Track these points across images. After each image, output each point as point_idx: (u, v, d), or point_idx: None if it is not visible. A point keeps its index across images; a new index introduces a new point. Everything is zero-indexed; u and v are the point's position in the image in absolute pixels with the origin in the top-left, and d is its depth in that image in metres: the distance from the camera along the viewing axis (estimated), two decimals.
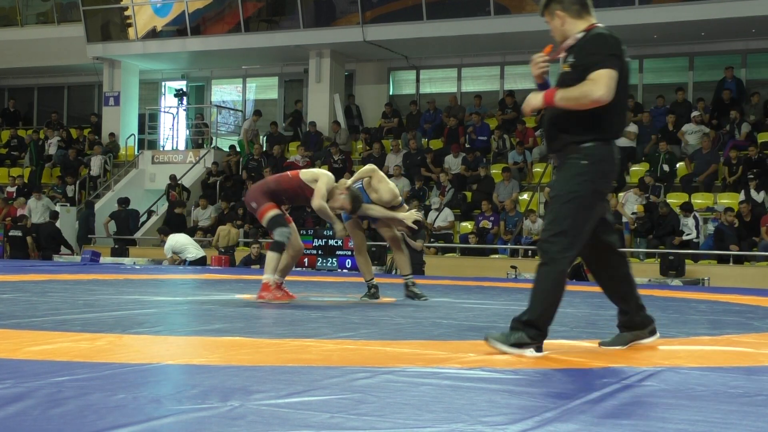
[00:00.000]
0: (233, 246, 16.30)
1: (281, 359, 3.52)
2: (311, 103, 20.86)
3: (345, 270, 14.05)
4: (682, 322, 6.04)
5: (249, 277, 10.87)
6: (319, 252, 14.50)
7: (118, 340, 4.08)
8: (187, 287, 9.19)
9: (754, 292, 10.51)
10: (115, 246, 17.90)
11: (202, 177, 20.07)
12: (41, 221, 17.94)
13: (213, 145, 21.45)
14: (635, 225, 14.89)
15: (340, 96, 20.58)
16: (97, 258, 15.65)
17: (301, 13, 19.66)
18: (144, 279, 9.95)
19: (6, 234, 17.66)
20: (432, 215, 16.25)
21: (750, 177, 14.99)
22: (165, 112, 23.45)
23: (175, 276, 11.20)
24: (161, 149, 22.42)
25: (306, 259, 14.29)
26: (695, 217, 14.47)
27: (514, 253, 15.48)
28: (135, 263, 15.33)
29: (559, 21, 3.95)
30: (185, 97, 22.49)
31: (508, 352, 3.73)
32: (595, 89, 3.72)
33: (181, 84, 23.57)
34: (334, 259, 14.45)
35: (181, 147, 22.66)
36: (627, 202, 15.30)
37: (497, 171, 17.38)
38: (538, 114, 11.73)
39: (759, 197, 14.83)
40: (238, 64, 22.62)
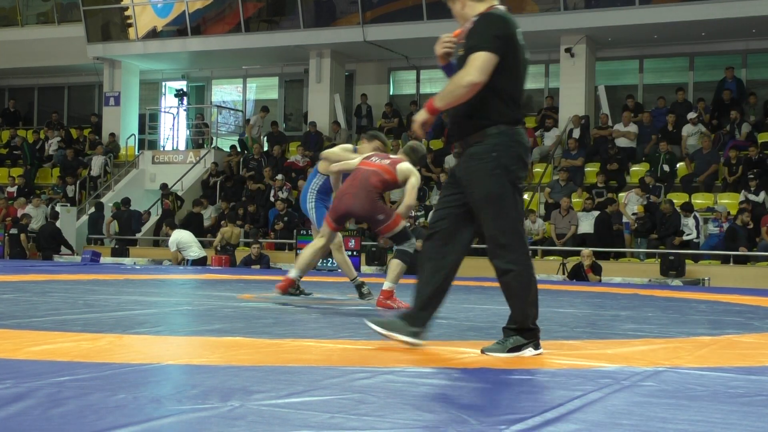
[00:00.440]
0: (234, 245, 16.30)
1: (281, 359, 3.52)
2: (311, 103, 20.86)
3: None
4: (682, 322, 6.05)
5: (249, 277, 10.87)
6: None
7: (118, 340, 4.08)
8: (188, 287, 9.20)
9: (754, 292, 10.51)
10: (116, 246, 17.91)
11: (202, 177, 20.07)
12: (41, 224, 18.02)
13: (213, 146, 21.45)
14: (635, 225, 14.89)
15: (340, 96, 20.58)
16: (98, 258, 15.67)
17: (302, 13, 19.66)
18: (144, 279, 9.96)
19: (7, 233, 17.66)
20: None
21: (750, 177, 14.99)
22: (165, 112, 23.45)
23: (176, 276, 11.20)
24: (161, 149, 22.41)
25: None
26: (695, 217, 14.47)
27: None
28: (135, 263, 15.34)
29: (460, 5, 3.89)
30: (185, 97, 22.49)
31: (509, 357, 3.71)
32: (464, 75, 3.63)
33: (182, 84, 23.57)
34: (334, 259, 14.40)
35: (182, 147, 22.66)
36: (629, 202, 15.31)
37: None
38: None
39: (759, 197, 14.84)
40: (238, 64, 22.62)
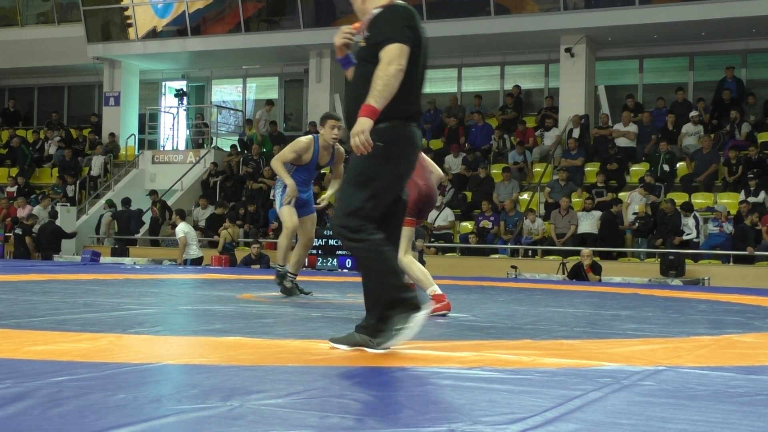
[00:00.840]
0: (234, 243, 16.30)
1: (281, 359, 3.52)
2: (311, 103, 20.85)
3: (345, 270, 14.04)
4: (682, 321, 6.05)
5: (249, 277, 10.87)
6: (319, 252, 14.48)
7: (118, 340, 4.08)
8: (188, 287, 9.20)
9: (754, 292, 10.52)
10: (116, 246, 17.91)
11: (202, 177, 20.07)
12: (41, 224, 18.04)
13: (213, 145, 21.45)
14: (636, 225, 14.88)
15: (340, 96, 20.56)
16: (97, 258, 15.67)
17: (302, 13, 19.66)
18: (144, 279, 9.95)
19: (6, 233, 17.65)
20: (432, 215, 16.25)
21: (750, 177, 14.98)
22: (165, 112, 23.45)
23: (175, 276, 11.20)
24: (161, 149, 22.42)
25: (306, 259, 14.26)
26: (695, 217, 14.47)
27: (514, 253, 15.49)
28: (135, 263, 15.34)
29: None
30: (185, 97, 22.49)
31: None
32: (388, 66, 3.59)
33: (182, 84, 23.57)
34: (334, 259, 14.44)
35: (182, 147, 22.66)
36: (632, 202, 15.31)
37: (497, 171, 17.39)
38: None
39: (759, 198, 14.84)
40: (238, 64, 22.61)
